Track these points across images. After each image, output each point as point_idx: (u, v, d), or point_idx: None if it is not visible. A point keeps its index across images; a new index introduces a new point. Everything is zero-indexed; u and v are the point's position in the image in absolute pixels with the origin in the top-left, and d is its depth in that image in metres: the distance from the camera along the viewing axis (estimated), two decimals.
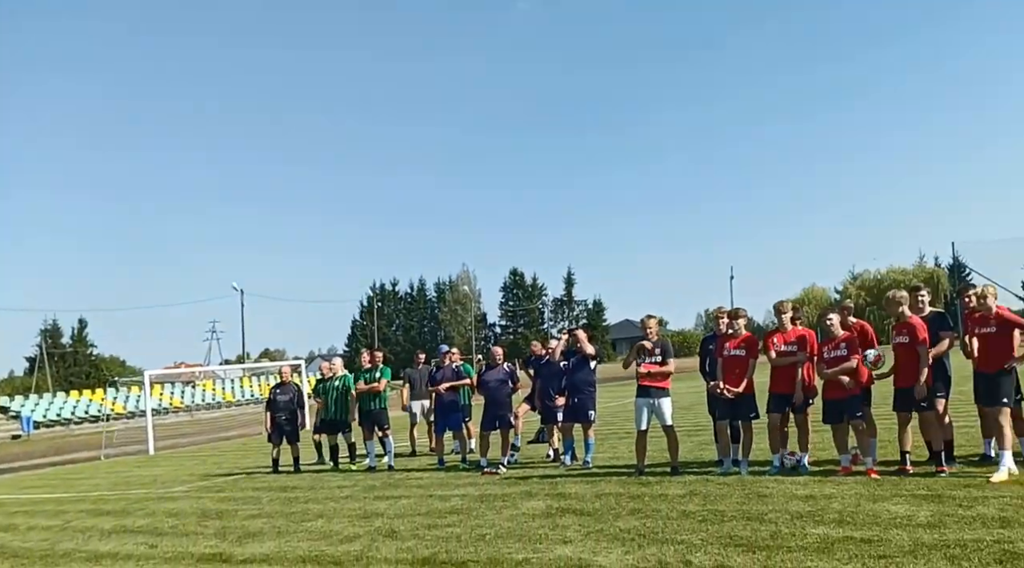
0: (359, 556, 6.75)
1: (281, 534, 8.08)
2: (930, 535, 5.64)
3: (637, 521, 7.05)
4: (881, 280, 68.88)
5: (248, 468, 15.38)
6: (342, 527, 8.13)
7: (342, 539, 7.53)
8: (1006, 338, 7.76)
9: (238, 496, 11.36)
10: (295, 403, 13.94)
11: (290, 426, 13.76)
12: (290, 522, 8.72)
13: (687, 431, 13.14)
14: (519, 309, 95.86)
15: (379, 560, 6.55)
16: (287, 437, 13.73)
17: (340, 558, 6.75)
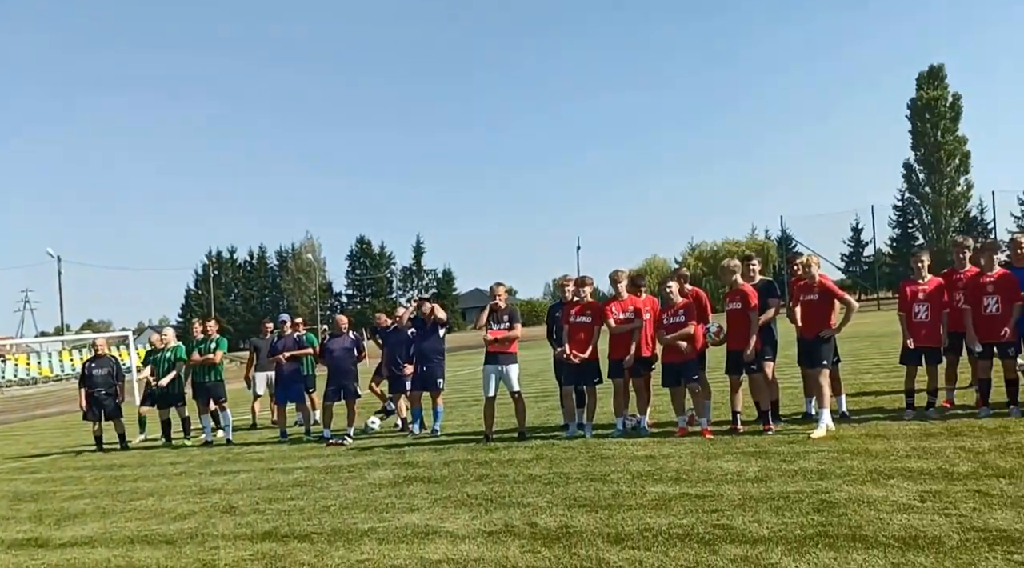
0: (194, 533, 6.41)
1: (106, 515, 7.57)
2: (757, 489, 5.97)
3: (485, 486, 7.07)
4: (717, 251, 73.40)
5: (69, 447, 14.12)
6: (175, 504, 7.70)
7: (175, 517, 7.13)
8: (827, 306, 8.33)
9: (57, 477, 10.49)
10: (114, 377, 12.89)
11: (110, 401, 12.74)
12: (117, 502, 8.18)
13: (534, 397, 13.36)
14: (366, 278, 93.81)
15: (216, 537, 6.24)
16: (108, 413, 12.70)
17: (173, 536, 6.37)
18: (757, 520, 5.15)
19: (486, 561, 4.95)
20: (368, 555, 5.34)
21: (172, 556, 5.80)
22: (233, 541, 6.05)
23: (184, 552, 5.88)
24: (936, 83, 63.33)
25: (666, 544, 4.87)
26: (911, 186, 64.97)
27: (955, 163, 62.53)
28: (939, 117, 62.50)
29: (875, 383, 11.41)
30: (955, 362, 8.94)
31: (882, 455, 6.71)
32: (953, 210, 62.61)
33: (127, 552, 6.05)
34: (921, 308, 8.38)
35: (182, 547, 6.03)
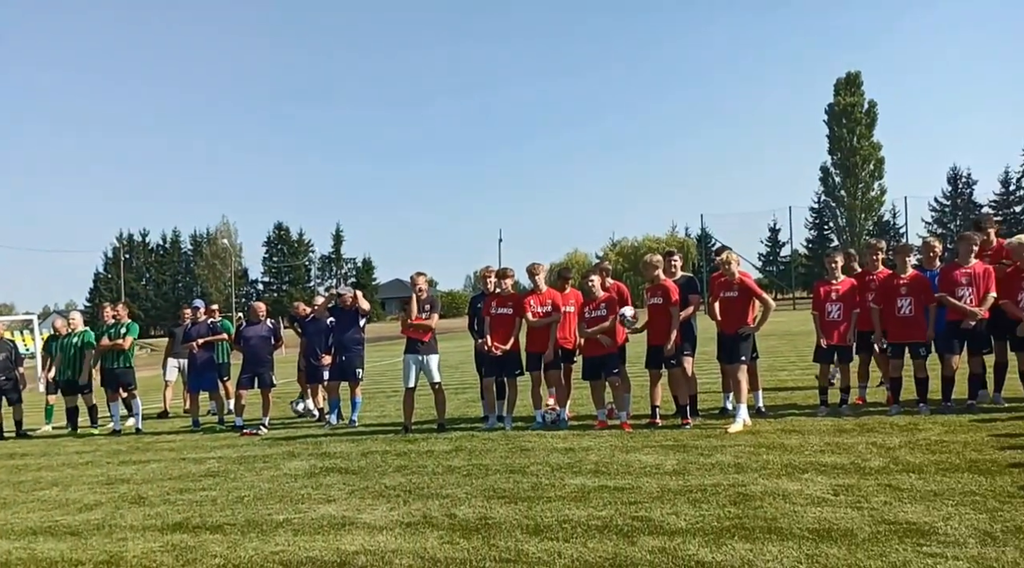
0: (100, 524, 6.13)
1: (6, 505, 7.24)
2: (676, 482, 6.01)
3: (403, 478, 6.95)
4: (638, 248, 74.51)
5: None
6: (81, 495, 7.37)
7: (81, 507, 6.82)
8: (746, 303, 8.46)
9: None
10: (12, 362, 12.21)
11: (9, 385, 12.09)
12: (18, 492, 7.78)
13: (454, 389, 13.24)
14: (284, 265, 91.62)
15: (123, 528, 5.97)
16: (8, 399, 12.10)
17: (78, 528, 6.08)
18: (675, 512, 5.17)
19: (404, 552, 4.82)
20: (283, 546, 5.17)
21: (77, 548, 5.52)
22: (142, 532, 5.80)
23: (90, 544, 5.61)
24: (853, 90, 65.75)
25: (585, 536, 4.83)
26: (827, 189, 67.35)
27: (869, 168, 65.00)
28: (855, 123, 64.89)
29: (790, 380, 11.73)
30: (867, 360, 9.24)
31: (797, 450, 6.84)
32: (867, 214, 65.05)
33: (29, 544, 5.74)
34: (834, 308, 8.60)
35: (88, 539, 5.76)
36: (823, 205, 68.53)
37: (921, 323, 8.30)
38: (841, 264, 8.85)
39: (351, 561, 4.74)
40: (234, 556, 5.05)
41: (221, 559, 5.01)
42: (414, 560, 4.65)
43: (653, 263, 8.88)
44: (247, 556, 5.02)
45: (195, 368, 11.80)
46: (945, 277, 8.38)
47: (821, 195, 68.31)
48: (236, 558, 5.00)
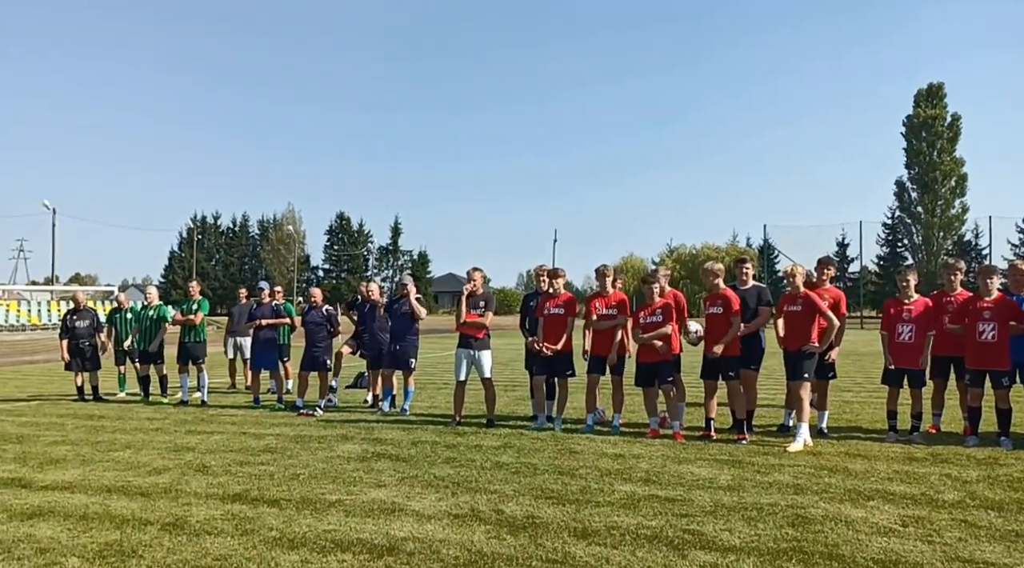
0: (168, 488, 6.38)
1: (86, 462, 7.59)
2: (730, 497, 5.81)
3: (452, 469, 6.93)
4: (696, 255, 73.29)
5: (52, 394, 14.06)
6: (151, 459, 7.69)
7: (150, 471, 7.11)
8: (809, 318, 8.13)
9: (41, 421, 10.56)
10: (94, 328, 13.00)
11: (91, 351, 12.88)
12: (96, 451, 8.21)
13: (504, 386, 13.20)
14: (343, 254, 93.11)
15: (188, 494, 6.19)
16: (89, 364, 12.84)
17: (148, 490, 6.34)
18: (728, 529, 4.99)
19: (451, 543, 4.78)
20: (335, 526, 5.22)
21: (147, 508, 5.76)
22: (205, 500, 6.01)
23: (158, 505, 5.84)
24: (935, 102, 63.36)
25: (634, 544, 4.70)
26: (903, 205, 65.04)
27: (950, 184, 62.51)
28: (936, 136, 62.51)
29: (856, 402, 11.31)
30: (942, 387, 8.79)
31: (862, 475, 6.55)
32: (946, 232, 62.66)
33: (104, 500, 6.04)
34: (905, 329, 8.22)
35: (156, 500, 6.00)
36: (897, 221, 66.04)
37: (1004, 349, 7.87)
38: (914, 283, 8.44)
39: (400, 547, 4.72)
40: (289, 531, 5.12)
41: (277, 532, 5.09)
42: (461, 552, 4.59)
43: (714, 271, 8.65)
44: (301, 532, 5.09)
45: (257, 347, 12.08)
46: None
47: (896, 210, 65.91)
48: (291, 532, 5.07)
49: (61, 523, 5.37)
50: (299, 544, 4.79)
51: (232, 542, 4.86)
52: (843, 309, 8.64)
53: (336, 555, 4.57)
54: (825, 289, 8.55)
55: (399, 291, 11.08)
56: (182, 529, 5.17)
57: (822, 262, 8.86)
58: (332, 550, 4.66)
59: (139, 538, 4.98)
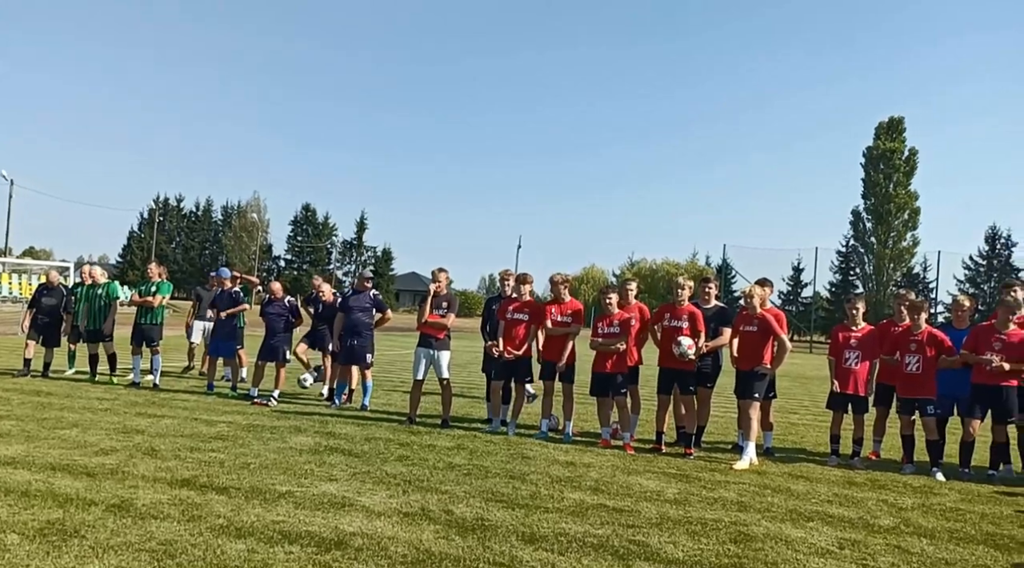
0: (114, 470, 6.29)
1: (31, 438, 7.47)
2: (676, 511, 5.92)
3: (404, 468, 6.94)
4: (656, 270, 74.05)
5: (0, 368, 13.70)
6: (98, 439, 7.57)
7: (97, 451, 7.00)
8: (764, 339, 8.30)
9: None
10: (61, 308, 12.77)
11: (51, 331, 12.70)
12: (42, 428, 8.07)
13: (460, 388, 13.23)
14: (307, 246, 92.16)
15: (135, 476, 6.10)
16: (46, 340, 12.66)
17: (94, 470, 6.24)
18: (673, 541, 5.08)
19: (399, 541, 4.78)
20: (284, 517, 5.19)
21: (92, 488, 5.66)
22: (152, 483, 5.92)
23: (103, 486, 5.74)
24: (894, 135, 64.89)
25: (580, 551, 4.76)
26: (857, 234, 66.45)
27: (904, 217, 64.03)
28: (893, 169, 64.01)
29: (802, 424, 11.59)
30: (884, 414, 9.04)
31: (803, 496, 6.72)
32: (896, 263, 64.09)
33: (48, 478, 5.91)
34: (851, 355, 8.45)
35: (102, 481, 5.90)
36: (851, 250, 67.48)
37: (930, 380, 8.15)
38: (863, 311, 8.69)
39: (348, 541, 4.71)
40: (237, 519, 5.07)
41: (224, 520, 5.04)
42: (409, 550, 4.60)
43: (683, 286, 8.78)
44: (249, 521, 5.04)
45: (218, 334, 11.96)
46: (977, 338, 8.19)
47: (850, 239, 67.38)
48: (239, 521, 5.03)
49: (2, 499, 5.25)
50: (246, 533, 4.76)
51: (178, 527, 4.80)
52: (783, 329, 8.85)
53: (283, 546, 4.54)
54: (767, 309, 8.75)
55: (359, 285, 11.10)
56: (127, 511, 5.09)
57: (761, 283, 9.05)
58: (279, 541, 4.63)
59: (82, 518, 4.90)
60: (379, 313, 11.10)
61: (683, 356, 8.33)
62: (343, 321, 10.81)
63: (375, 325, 11.07)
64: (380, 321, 11.19)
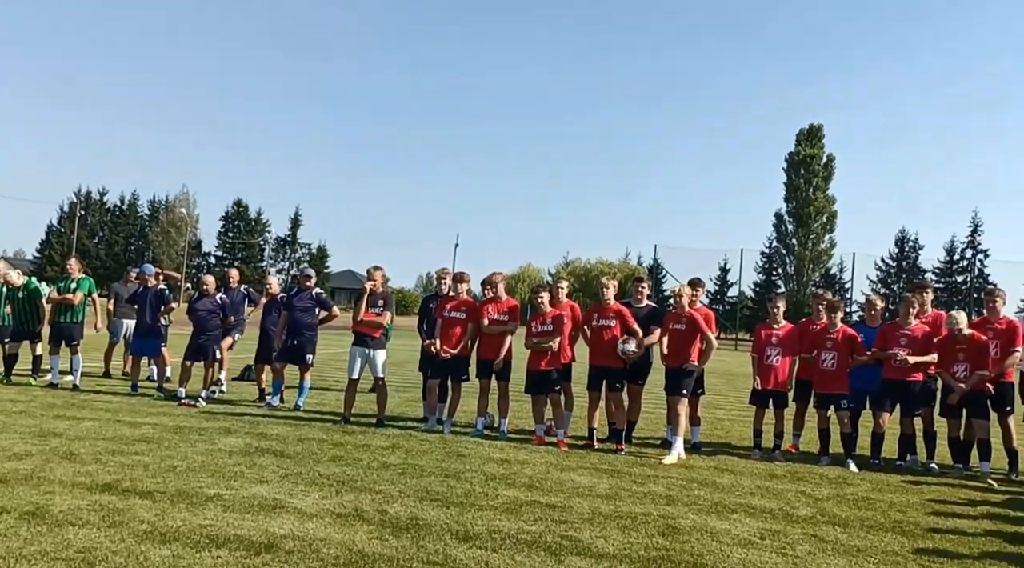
0: (29, 475, 6.00)
1: None
2: (607, 506, 6.06)
3: (337, 468, 6.89)
4: (590, 270, 75.01)
5: None
6: (11, 443, 7.22)
7: (10, 456, 6.68)
8: (691, 337, 8.55)
9: None
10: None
11: None
12: None
13: (396, 387, 13.17)
14: (238, 242, 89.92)
15: (52, 481, 5.85)
16: None
17: (6, 476, 5.95)
18: (604, 536, 5.20)
19: (332, 542, 4.76)
20: (211, 521, 5.08)
21: (3, 496, 5.39)
22: (70, 488, 5.68)
23: (16, 493, 5.49)
24: (814, 142, 67.45)
25: (514, 548, 4.83)
26: (779, 236, 68.78)
27: (822, 220, 66.63)
28: (812, 174, 66.55)
29: (727, 420, 11.96)
30: (803, 409, 9.42)
31: (728, 489, 6.96)
32: (815, 264, 66.61)
33: None
34: (773, 352, 8.79)
35: (15, 487, 5.63)
36: (773, 251, 69.80)
37: (844, 376, 8.55)
38: (783, 309, 9.05)
39: (279, 544, 4.66)
40: (161, 524, 4.94)
41: (148, 525, 4.90)
42: (341, 551, 4.59)
43: (609, 285, 8.98)
44: (175, 526, 4.92)
45: (141, 333, 11.56)
46: (885, 335, 8.63)
47: (773, 241, 69.71)
48: (163, 526, 4.90)
49: None
50: (171, 538, 4.65)
51: (98, 534, 4.65)
52: (712, 328, 9.14)
53: (211, 551, 4.46)
54: (696, 309, 9.02)
55: (301, 283, 10.94)
56: (42, 519, 4.90)
57: (692, 283, 9.32)
58: (207, 545, 4.55)
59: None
60: (323, 311, 10.95)
61: (626, 354, 8.50)
62: (286, 320, 10.65)
63: (321, 323, 10.95)
64: (325, 319, 11.05)
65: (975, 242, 65.94)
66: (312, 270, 11.43)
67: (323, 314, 10.93)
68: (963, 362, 8.31)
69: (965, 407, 8.34)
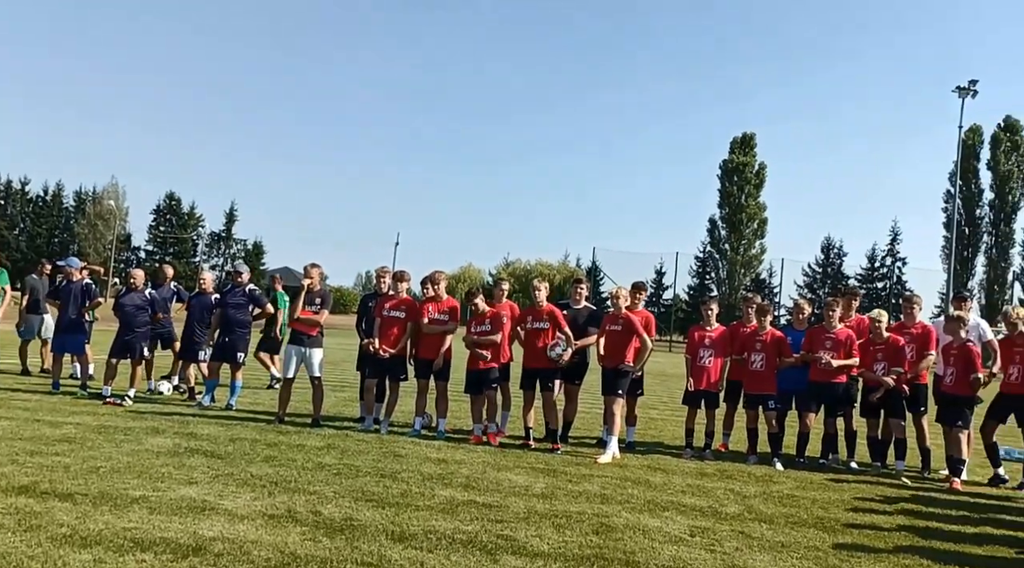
0: None
1: None
2: (542, 505, 6.13)
3: (271, 469, 6.79)
4: (530, 271, 75.43)
5: None
6: None
7: None
8: (628, 338, 8.71)
9: None
10: None
11: None
12: None
13: (333, 386, 13.00)
14: (170, 236, 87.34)
15: None
16: None
17: None
18: (539, 535, 5.26)
19: (263, 544, 4.69)
20: (136, 524, 4.94)
21: None
22: None
23: None
24: (747, 150, 69.57)
25: (449, 548, 4.85)
26: (713, 241, 70.72)
27: (753, 226, 68.79)
28: (745, 181, 68.63)
29: (660, 419, 12.16)
30: (733, 409, 9.65)
31: (660, 487, 7.12)
32: (746, 269, 68.74)
33: None
34: (706, 353, 9.01)
35: None
36: (707, 255, 71.60)
37: (772, 377, 8.84)
38: (716, 312, 9.30)
39: (207, 547, 4.57)
40: (83, 527, 4.79)
41: (68, 529, 4.75)
42: (273, 553, 4.53)
43: (540, 288, 9.09)
44: (96, 529, 4.77)
45: (64, 329, 11.17)
46: (811, 338, 8.94)
47: (707, 246, 71.51)
48: (84, 530, 4.75)
49: None
50: (92, 542, 4.50)
51: (13, 539, 4.47)
52: (652, 331, 9.33)
53: (135, 555, 4.34)
54: (637, 312, 9.19)
55: (233, 279, 10.75)
56: None
57: (635, 286, 9.50)
58: (131, 549, 4.42)
59: None
60: (257, 308, 10.75)
61: (557, 359, 8.59)
62: (220, 317, 10.45)
63: (255, 320, 10.75)
64: (259, 316, 10.83)
65: (894, 250, 69.11)
66: (245, 266, 11.20)
67: (257, 311, 10.75)
68: (881, 362, 8.68)
69: (883, 408, 8.72)
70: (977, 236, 65.70)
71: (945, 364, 8.45)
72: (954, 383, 8.28)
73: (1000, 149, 65.02)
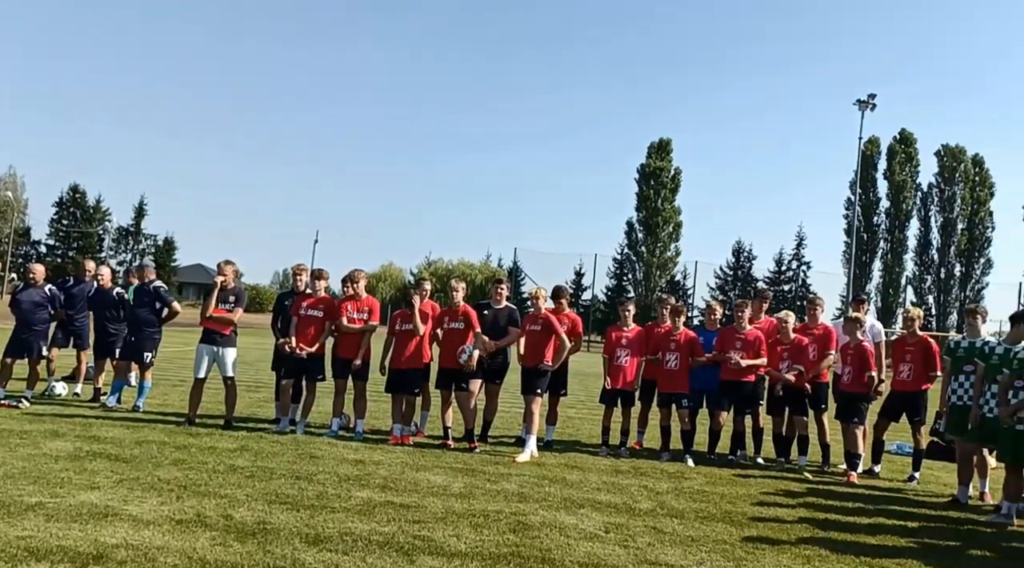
0: None
1: None
2: (460, 504, 6.15)
3: (179, 472, 6.58)
4: (452, 270, 75.28)
5: None
6: None
7: None
8: (547, 338, 8.85)
9: None
10: None
11: None
12: None
13: (247, 386, 12.70)
14: (74, 231, 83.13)
15: None
16: None
17: None
18: (456, 535, 5.29)
19: (170, 550, 4.54)
20: (32, 532, 4.71)
21: None
22: None
23: None
24: (663, 155, 71.33)
25: (365, 550, 4.81)
26: (630, 243, 72.20)
27: (669, 230, 70.53)
28: (661, 186, 70.41)
29: (578, 418, 12.35)
30: (647, 408, 9.90)
31: (577, 485, 7.24)
32: (662, 271, 70.42)
33: None
34: (622, 353, 9.21)
35: None
36: (625, 257, 73.00)
37: (684, 376, 9.12)
38: (633, 313, 9.52)
39: (110, 555, 4.39)
40: None
41: None
42: (180, 559, 4.40)
43: (458, 288, 9.16)
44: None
45: None
46: (722, 339, 9.27)
47: (624, 248, 72.94)
48: None
49: None
50: None
51: None
52: (579, 332, 9.46)
53: (29, 564, 4.14)
54: (565, 314, 9.32)
55: (138, 276, 10.38)
56: None
57: (557, 292, 9.63)
58: (25, 559, 4.21)
59: None
60: (163, 307, 10.38)
61: (465, 363, 8.63)
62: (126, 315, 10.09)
63: (165, 320, 10.39)
64: (168, 316, 10.46)
65: (800, 254, 71.76)
66: (151, 261, 10.81)
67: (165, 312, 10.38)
68: (786, 361, 9.07)
69: (787, 405, 9.11)
70: (874, 242, 69.38)
71: (843, 363, 8.91)
72: (851, 381, 8.73)
73: (895, 160, 69.13)
